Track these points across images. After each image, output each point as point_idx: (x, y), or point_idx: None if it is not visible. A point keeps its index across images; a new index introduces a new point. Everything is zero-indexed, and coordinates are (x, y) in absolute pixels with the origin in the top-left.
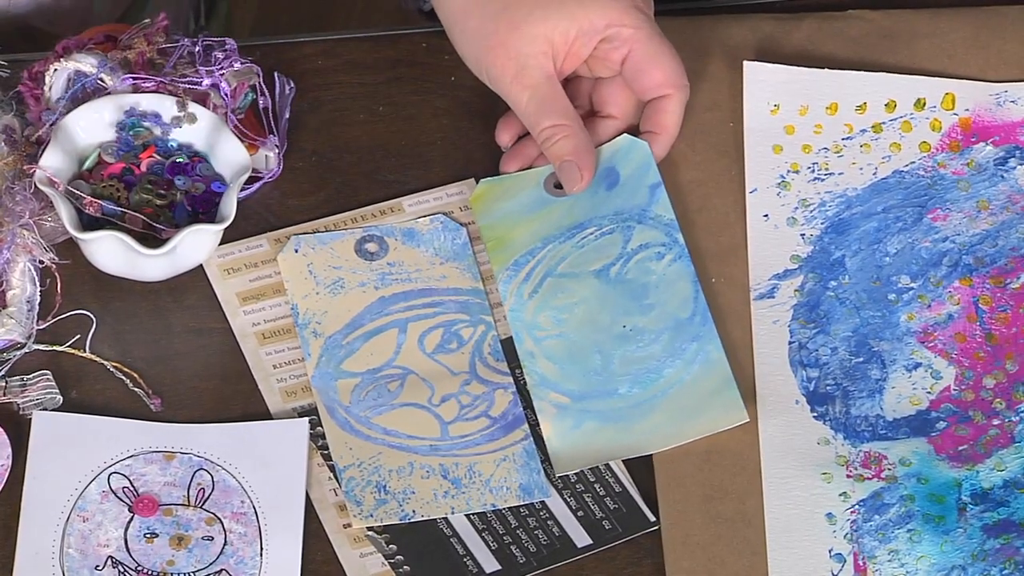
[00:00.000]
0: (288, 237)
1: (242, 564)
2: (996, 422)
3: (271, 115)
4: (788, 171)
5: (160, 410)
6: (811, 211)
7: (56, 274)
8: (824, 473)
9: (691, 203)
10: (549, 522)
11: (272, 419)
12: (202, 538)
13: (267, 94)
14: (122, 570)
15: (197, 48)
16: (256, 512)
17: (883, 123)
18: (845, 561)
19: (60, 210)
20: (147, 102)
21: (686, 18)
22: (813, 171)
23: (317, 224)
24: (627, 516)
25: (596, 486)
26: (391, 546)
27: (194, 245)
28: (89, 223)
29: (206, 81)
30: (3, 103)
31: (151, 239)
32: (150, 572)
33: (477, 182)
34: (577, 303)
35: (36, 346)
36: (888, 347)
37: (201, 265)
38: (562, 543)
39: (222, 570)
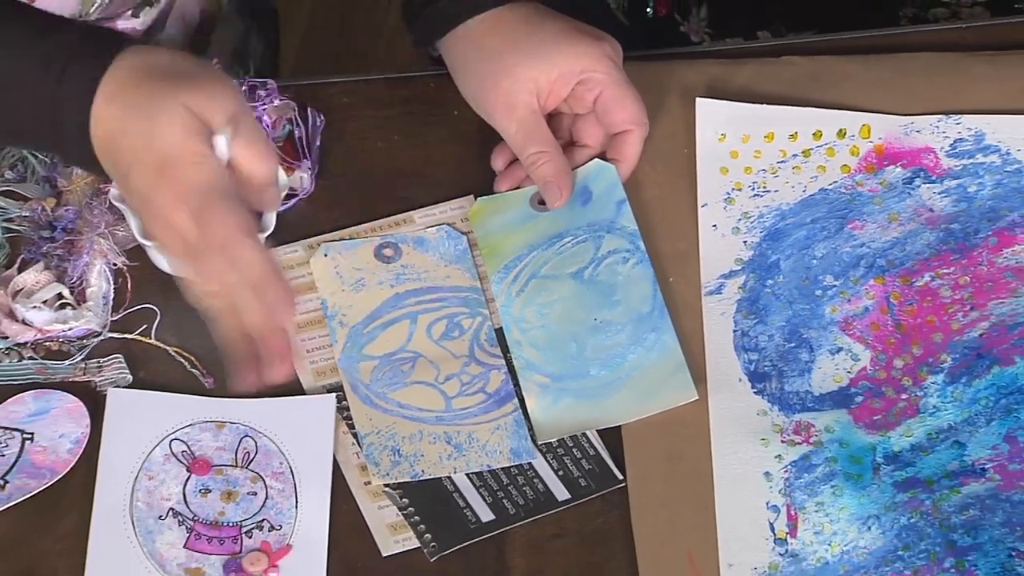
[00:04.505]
0: (319, 244)
1: (280, 515)
2: (904, 396)
3: (305, 143)
4: (733, 189)
5: (213, 387)
6: (751, 222)
7: (127, 274)
8: (763, 439)
9: (653, 215)
10: (535, 480)
11: (305, 395)
12: (247, 493)
13: (302, 125)
14: (181, 520)
15: (243, 88)
16: (292, 472)
17: (811, 149)
18: (780, 511)
19: (130, 221)
20: None
21: (648, 63)
22: (753, 189)
23: (343, 233)
24: (600, 475)
25: (574, 450)
26: (404, 500)
27: None
28: None
29: None
30: None
31: None
32: (204, 521)
33: (475, 199)
34: (556, 300)
35: (110, 334)
36: (815, 335)
37: None
38: (545, 497)
39: (264, 519)
